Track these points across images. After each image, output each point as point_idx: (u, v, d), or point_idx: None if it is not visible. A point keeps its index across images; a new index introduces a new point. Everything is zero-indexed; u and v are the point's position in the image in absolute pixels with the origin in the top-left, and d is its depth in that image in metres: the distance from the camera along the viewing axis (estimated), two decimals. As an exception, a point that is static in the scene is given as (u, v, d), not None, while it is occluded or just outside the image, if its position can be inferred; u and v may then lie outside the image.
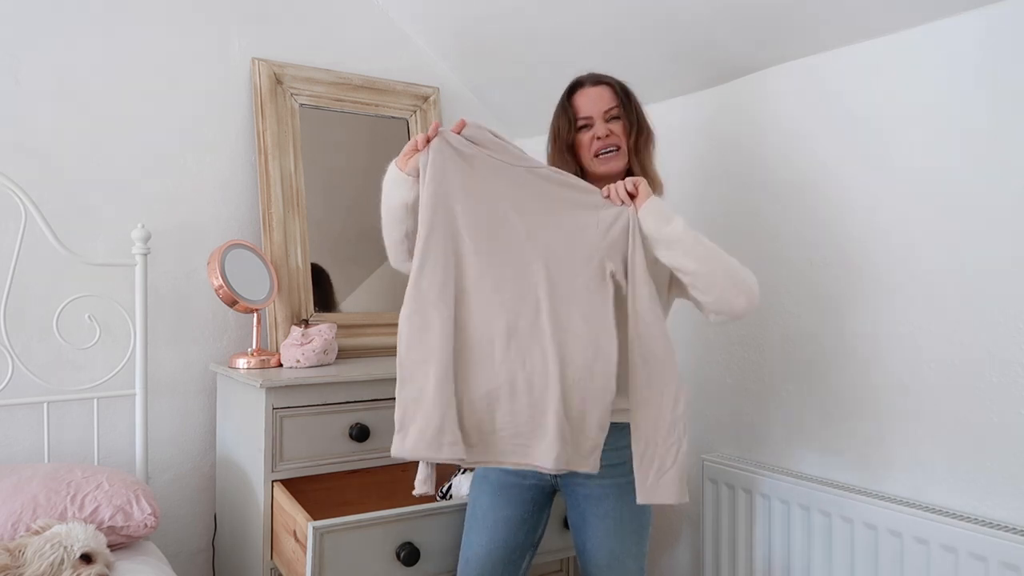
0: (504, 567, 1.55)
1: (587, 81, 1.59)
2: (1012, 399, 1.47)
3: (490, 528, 1.55)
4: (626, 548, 1.50)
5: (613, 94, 1.56)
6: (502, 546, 1.55)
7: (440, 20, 2.43)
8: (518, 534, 1.56)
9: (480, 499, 1.59)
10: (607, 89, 1.57)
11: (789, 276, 1.87)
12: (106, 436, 2.05)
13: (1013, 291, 1.47)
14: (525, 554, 1.59)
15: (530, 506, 1.56)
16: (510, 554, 1.56)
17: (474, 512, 1.59)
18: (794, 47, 1.81)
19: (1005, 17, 1.47)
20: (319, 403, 1.85)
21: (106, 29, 2.08)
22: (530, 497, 1.56)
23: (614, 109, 1.55)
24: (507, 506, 1.55)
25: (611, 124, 1.55)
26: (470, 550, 1.57)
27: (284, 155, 2.25)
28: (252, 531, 1.87)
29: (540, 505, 1.58)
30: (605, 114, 1.55)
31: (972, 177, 1.52)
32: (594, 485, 1.50)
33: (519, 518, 1.55)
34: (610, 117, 1.55)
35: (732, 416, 2.02)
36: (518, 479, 1.55)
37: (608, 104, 1.55)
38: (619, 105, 1.56)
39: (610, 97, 1.56)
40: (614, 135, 1.55)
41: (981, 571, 1.44)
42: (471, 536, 1.58)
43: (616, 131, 1.55)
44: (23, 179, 1.92)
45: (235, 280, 2.00)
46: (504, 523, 1.55)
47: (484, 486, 1.59)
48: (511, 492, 1.56)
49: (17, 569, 1.43)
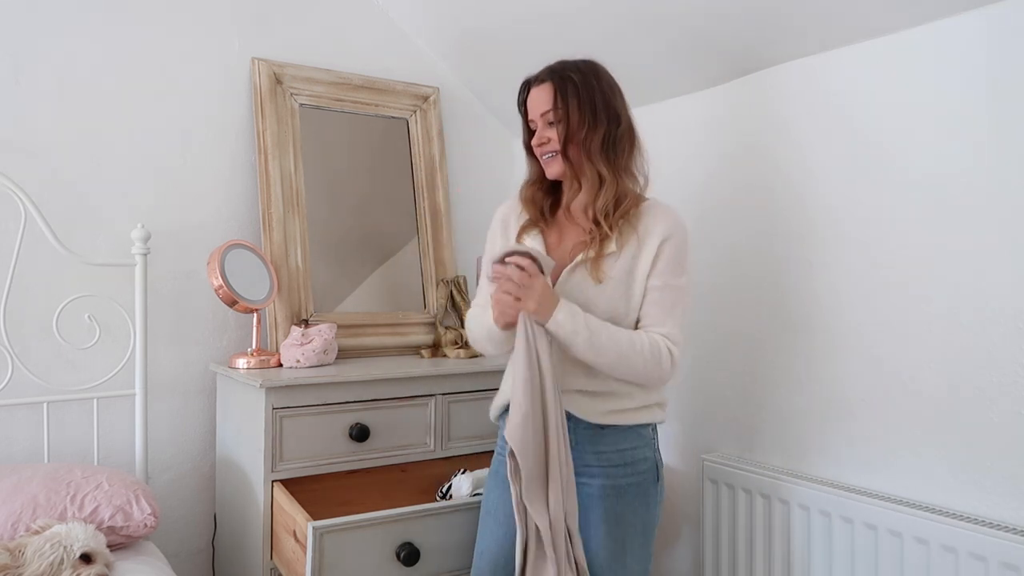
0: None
1: (533, 81, 1.54)
2: (1012, 399, 1.47)
3: (502, 522, 1.56)
4: (627, 549, 1.49)
5: (551, 94, 1.49)
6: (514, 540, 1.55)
7: (440, 20, 2.43)
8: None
9: (492, 493, 1.60)
10: (547, 88, 1.50)
11: (789, 276, 1.87)
12: (106, 436, 2.05)
13: (1013, 291, 1.47)
14: None
15: None
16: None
17: (487, 506, 1.61)
18: (794, 47, 1.81)
19: (1005, 17, 1.47)
20: (319, 403, 1.85)
21: (106, 29, 2.08)
22: None
23: (549, 113, 1.49)
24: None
25: (550, 128, 1.50)
26: (483, 543, 1.58)
27: (284, 155, 2.25)
28: (252, 531, 1.87)
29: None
30: (542, 117, 1.51)
31: (972, 177, 1.52)
32: (596, 484, 1.49)
33: None
34: (548, 121, 1.50)
35: (732, 416, 2.01)
36: None
37: (544, 107, 1.50)
38: (553, 107, 1.48)
39: (547, 98, 1.49)
40: (551, 140, 1.50)
41: (981, 571, 1.43)
42: (484, 530, 1.59)
43: (552, 135, 1.49)
44: (23, 179, 1.92)
45: (235, 280, 2.00)
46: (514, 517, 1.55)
47: (496, 480, 1.60)
48: None
49: (17, 569, 1.43)
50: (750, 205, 1.96)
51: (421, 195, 2.49)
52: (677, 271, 1.48)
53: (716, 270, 2.04)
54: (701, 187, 2.09)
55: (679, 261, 1.49)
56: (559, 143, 1.49)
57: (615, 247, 1.47)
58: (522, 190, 1.62)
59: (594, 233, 1.47)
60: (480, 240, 2.61)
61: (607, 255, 1.47)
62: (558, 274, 1.49)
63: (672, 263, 1.48)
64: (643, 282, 1.47)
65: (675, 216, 1.51)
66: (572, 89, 1.48)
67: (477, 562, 1.59)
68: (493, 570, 1.55)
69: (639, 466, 1.51)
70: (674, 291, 1.47)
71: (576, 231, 1.54)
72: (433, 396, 2.01)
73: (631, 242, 1.47)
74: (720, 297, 2.03)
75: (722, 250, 2.03)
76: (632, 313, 1.48)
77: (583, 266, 1.47)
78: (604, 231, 1.47)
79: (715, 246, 2.04)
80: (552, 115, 1.49)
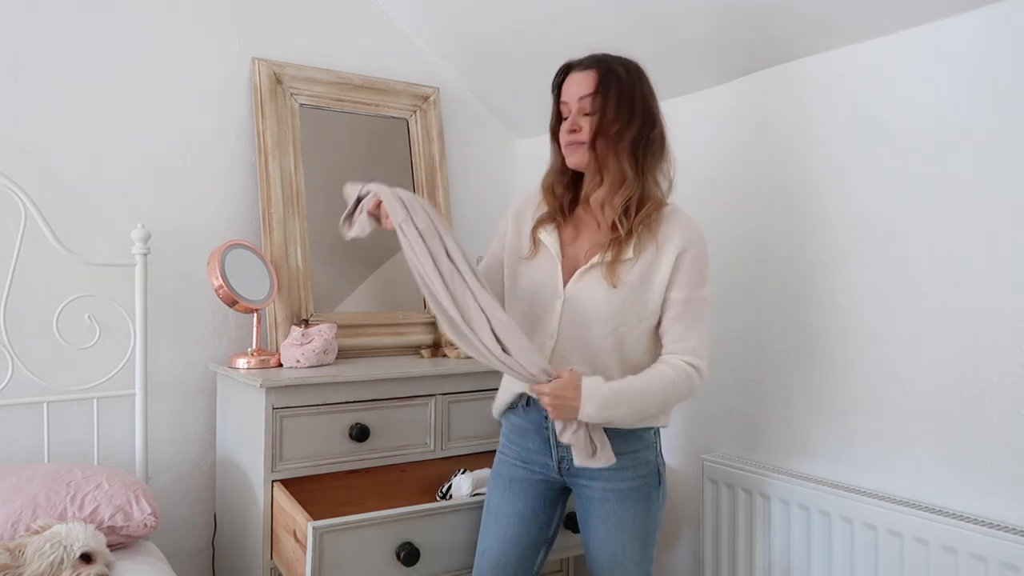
0: (517, 562, 1.57)
1: (576, 65, 1.48)
2: (1012, 399, 1.47)
3: (502, 522, 1.57)
4: (628, 552, 1.49)
5: (594, 81, 1.43)
6: (515, 540, 1.56)
7: (440, 20, 2.43)
8: (531, 529, 1.57)
9: (493, 493, 1.61)
10: (591, 75, 1.44)
11: (791, 276, 1.87)
12: (106, 436, 2.05)
13: (1013, 291, 1.47)
14: (539, 550, 1.60)
15: (540, 501, 1.57)
16: (523, 549, 1.57)
17: (488, 506, 1.62)
18: (796, 46, 1.81)
19: (1005, 17, 1.47)
20: (319, 403, 1.85)
21: (106, 29, 2.08)
22: (539, 492, 1.57)
23: (587, 99, 1.43)
24: (517, 500, 1.57)
25: (584, 117, 1.44)
26: (484, 543, 1.59)
27: (284, 155, 2.25)
28: (252, 531, 1.87)
29: (551, 501, 1.58)
30: (579, 102, 1.44)
31: (972, 177, 1.52)
32: (596, 487, 1.50)
33: (530, 513, 1.56)
34: (583, 109, 1.44)
35: (732, 416, 2.01)
36: (527, 473, 1.57)
37: (584, 91, 1.43)
38: (593, 94, 1.43)
39: (589, 84, 1.43)
40: (582, 129, 1.44)
41: (981, 571, 1.43)
42: (485, 530, 1.60)
43: (585, 125, 1.44)
44: (23, 179, 1.92)
45: (235, 280, 2.00)
46: (516, 517, 1.56)
47: (497, 480, 1.61)
48: (520, 486, 1.57)
49: (17, 569, 1.43)
50: (750, 205, 1.96)
51: (421, 195, 2.49)
52: (699, 282, 1.46)
53: (716, 270, 2.03)
54: (708, 184, 2.08)
55: (701, 272, 1.46)
56: (589, 133, 1.43)
57: (632, 253, 1.44)
58: (544, 179, 1.57)
59: (612, 235, 1.45)
60: (480, 240, 2.62)
61: (624, 260, 1.44)
62: (571, 273, 1.48)
63: (694, 274, 1.45)
64: (661, 291, 1.45)
65: (695, 226, 1.49)
66: (615, 80, 1.43)
67: (478, 561, 1.59)
68: (495, 569, 1.56)
69: (640, 469, 1.50)
70: (697, 303, 1.46)
71: (593, 229, 1.51)
72: (433, 396, 2.01)
73: (649, 248, 1.45)
74: (720, 297, 2.03)
75: (723, 250, 2.02)
76: (645, 320, 1.46)
77: (598, 268, 1.45)
78: (622, 234, 1.44)
79: (715, 246, 2.03)
80: (590, 102, 1.43)
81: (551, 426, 1.49)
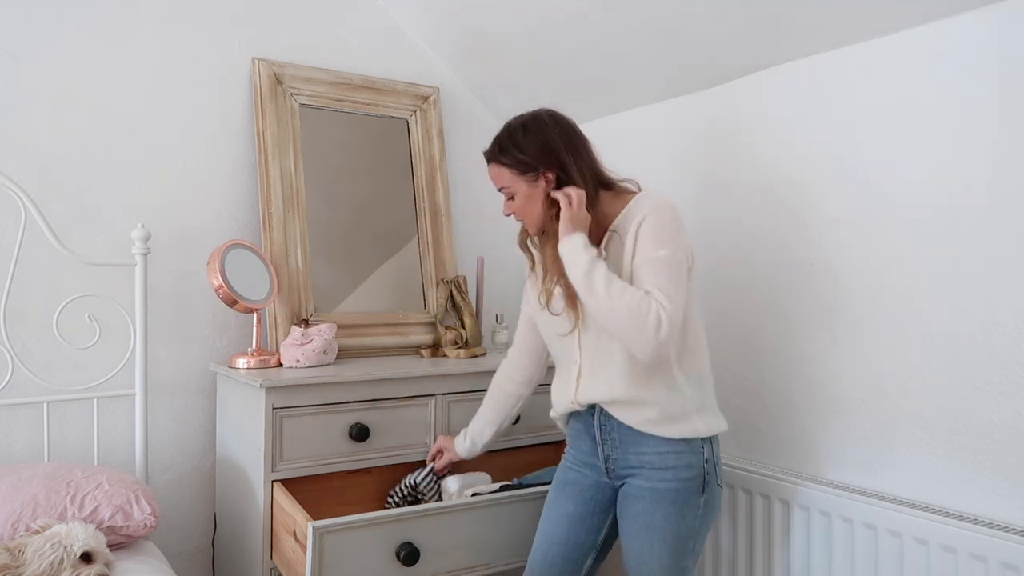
0: (563, 562, 1.59)
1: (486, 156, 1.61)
2: (1012, 399, 1.47)
3: (552, 521, 1.62)
4: (654, 554, 1.48)
5: (499, 171, 1.57)
6: (562, 541, 1.59)
7: (440, 20, 2.43)
8: (579, 532, 1.59)
9: (550, 494, 1.67)
10: (493, 167, 1.58)
11: (789, 279, 1.87)
12: (106, 436, 2.05)
13: (1013, 291, 1.47)
14: (587, 553, 1.61)
15: (591, 505, 1.59)
16: (571, 551, 1.59)
17: (546, 506, 1.67)
18: (791, 48, 1.81)
19: (1005, 17, 1.47)
20: (319, 403, 1.85)
21: (106, 29, 2.08)
22: (590, 496, 1.59)
23: (503, 188, 1.57)
24: (567, 502, 1.61)
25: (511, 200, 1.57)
26: (536, 540, 1.65)
27: (284, 155, 2.25)
28: (252, 531, 1.87)
29: (602, 507, 1.59)
30: (502, 190, 1.58)
31: (972, 177, 1.52)
32: (635, 484, 1.51)
33: (579, 516, 1.59)
34: (506, 193, 1.58)
35: (732, 416, 2.01)
36: (579, 476, 1.61)
37: (497, 183, 1.59)
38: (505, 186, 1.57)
39: (496, 175, 1.58)
40: (514, 212, 1.58)
41: (981, 571, 1.44)
42: (540, 528, 1.65)
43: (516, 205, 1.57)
44: (23, 179, 1.92)
45: (235, 280, 2.00)
46: (566, 519, 1.60)
47: (555, 481, 1.67)
48: (573, 488, 1.61)
49: (17, 569, 1.43)
50: (748, 208, 1.96)
51: (421, 195, 2.49)
52: (655, 244, 1.42)
53: (716, 270, 2.04)
54: (698, 189, 2.09)
55: (657, 235, 1.43)
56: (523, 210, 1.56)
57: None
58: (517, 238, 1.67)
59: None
60: (480, 240, 2.62)
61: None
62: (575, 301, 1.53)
63: (649, 238, 1.43)
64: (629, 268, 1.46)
65: (654, 199, 1.49)
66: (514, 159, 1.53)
67: (530, 557, 1.65)
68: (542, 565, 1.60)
69: (681, 472, 1.47)
70: (654, 263, 1.41)
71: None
72: (433, 396, 2.01)
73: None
74: (720, 297, 2.03)
75: (723, 251, 2.03)
76: None
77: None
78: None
79: (716, 246, 2.04)
80: (507, 190, 1.57)
81: (597, 423, 1.54)
